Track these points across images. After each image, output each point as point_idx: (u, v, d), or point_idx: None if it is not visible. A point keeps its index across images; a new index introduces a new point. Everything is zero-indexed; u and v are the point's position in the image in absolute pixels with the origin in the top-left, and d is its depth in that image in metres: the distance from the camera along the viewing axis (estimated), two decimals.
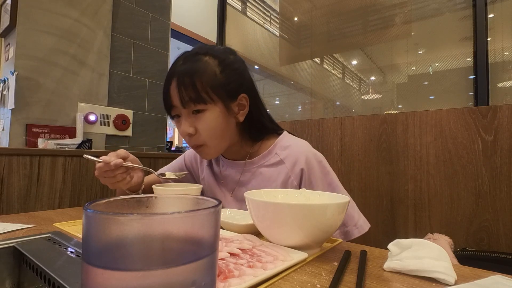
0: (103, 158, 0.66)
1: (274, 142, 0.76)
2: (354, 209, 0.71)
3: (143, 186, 0.78)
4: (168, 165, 0.94)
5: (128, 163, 0.69)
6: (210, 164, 0.85)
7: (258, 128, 0.77)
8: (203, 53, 0.69)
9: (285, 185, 0.71)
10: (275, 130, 0.80)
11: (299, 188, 0.70)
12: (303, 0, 2.17)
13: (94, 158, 0.66)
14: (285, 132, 0.80)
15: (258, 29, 2.84)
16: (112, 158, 0.66)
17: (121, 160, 0.67)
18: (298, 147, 0.74)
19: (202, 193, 0.87)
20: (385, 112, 1.45)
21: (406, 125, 1.14)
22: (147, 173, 0.78)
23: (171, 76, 0.68)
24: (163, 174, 0.78)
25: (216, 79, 0.67)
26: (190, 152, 0.92)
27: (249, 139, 0.77)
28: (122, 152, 0.70)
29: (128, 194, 0.77)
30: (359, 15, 1.92)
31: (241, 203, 0.76)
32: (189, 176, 0.92)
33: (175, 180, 0.88)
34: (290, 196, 0.57)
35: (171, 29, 2.56)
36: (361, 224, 0.70)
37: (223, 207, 0.77)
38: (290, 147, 0.74)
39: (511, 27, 1.38)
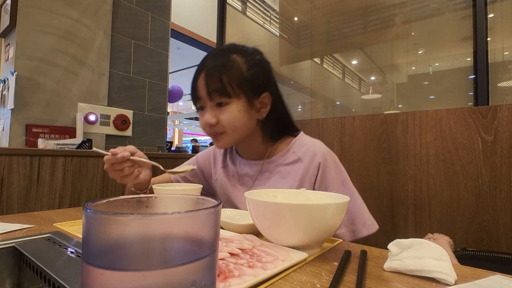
0: (111, 150, 0.68)
1: (291, 141, 0.79)
2: (364, 208, 0.72)
3: (150, 185, 0.79)
4: (179, 166, 0.95)
5: (135, 158, 0.71)
6: (224, 166, 0.86)
7: (279, 127, 0.81)
8: (233, 51, 0.74)
9: (302, 181, 0.73)
10: (293, 131, 0.83)
11: (314, 184, 0.72)
12: (303, 0, 2.17)
13: (102, 151, 0.68)
14: (301, 133, 0.83)
15: (258, 29, 2.84)
16: (120, 150, 0.69)
17: (128, 153, 0.69)
18: (314, 145, 0.77)
19: (214, 194, 0.89)
20: (385, 112, 1.45)
21: (406, 125, 1.14)
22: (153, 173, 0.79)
23: (200, 70, 0.72)
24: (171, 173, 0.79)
25: (241, 75, 0.72)
26: (203, 154, 0.94)
27: (269, 137, 0.80)
28: (130, 147, 0.72)
29: (136, 193, 0.78)
30: (359, 15, 1.92)
31: None
32: (201, 176, 0.92)
33: (185, 179, 0.91)
34: (290, 196, 0.57)
35: (171, 29, 2.56)
36: (370, 224, 0.70)
37: (240, 207, 0.78)
38: (307, 145, 0.77)
39: (511, 27, 1.38)
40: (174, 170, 0.78)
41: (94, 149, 0.71)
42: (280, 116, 0.80)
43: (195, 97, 0.75)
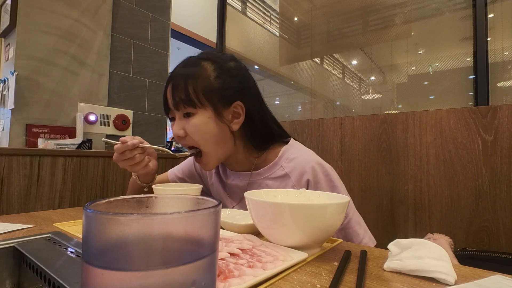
0: (120, 139, 0.69)
1: (279, 152, 0.74)
2: (361, 225, 0.69)
3: (156, 178, 0.81)
4: (178, 165, 0.95)
5: (144, 145, 0.72)
6: (218, 172, 0.84)
7: (263, 138, 0.75)
8: (204, 58, 0.70)
9: None
10: (282, 138, 0.78)
11: None
12: (303, 0, 2.17)
13: (112, 141, 0.70)
14: (291, 141, 0.77)
15: (258, 29, 2.84)
16: (129, 139, 0.70)
17: (137, 141, 0.70)
18: (304, 158, 0.71)
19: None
20: (385, 112, 1.45)
21: (406, 125, 1.14)
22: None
23: (170, 79, 0.70)
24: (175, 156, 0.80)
25: (209, 84, 0.67)
26: None
27: (253, 149, 0.75)
28: (137, 137, 0.73)
29: (141, 187, 0.78)
30: (359, 15, 1.92)
31: None
32: (198, 179, 0.92)
33: (184, 181, 0.92)
34: (290, 196, 0.57)
35: (171, 29, 2.56)
36: (366, 242, 0.68)
37: None
38: (296, 159, 0.71)
39: (511, 27, 1.38)
40: (181, 154, 0.78)
41: (103, 139, 0.73)
42: (259, 126, 0.73)
43: (165, 107, 0.72)
